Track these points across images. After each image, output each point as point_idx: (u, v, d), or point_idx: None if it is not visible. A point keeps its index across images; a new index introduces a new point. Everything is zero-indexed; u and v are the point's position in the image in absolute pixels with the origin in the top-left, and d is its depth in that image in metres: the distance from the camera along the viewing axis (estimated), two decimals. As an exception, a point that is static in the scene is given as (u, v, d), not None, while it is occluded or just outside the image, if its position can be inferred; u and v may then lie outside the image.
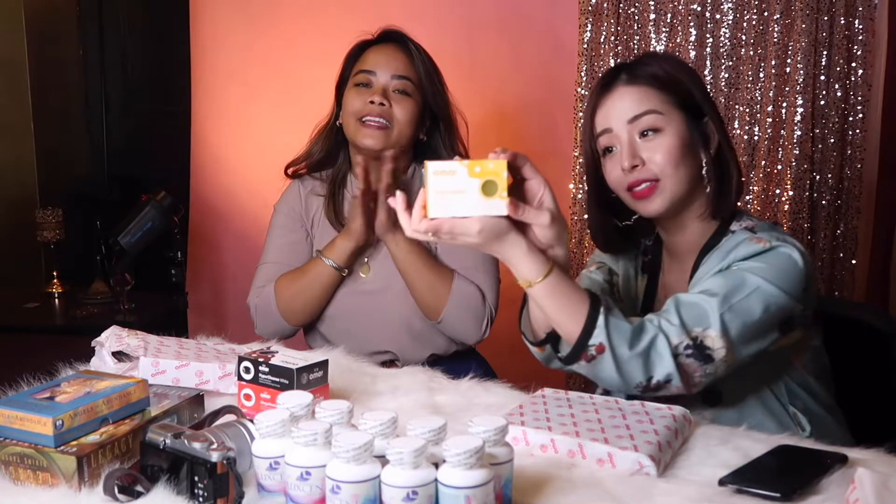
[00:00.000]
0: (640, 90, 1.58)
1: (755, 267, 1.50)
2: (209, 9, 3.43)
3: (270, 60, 3.35)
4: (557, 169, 3.08)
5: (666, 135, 1.56)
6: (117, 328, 1.73)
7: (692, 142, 1.58)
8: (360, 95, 2.06)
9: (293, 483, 1.10)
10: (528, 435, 1.31)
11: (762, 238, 1.54)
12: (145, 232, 2.81)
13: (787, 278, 1.49)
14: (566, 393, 1.49)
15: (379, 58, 2.09)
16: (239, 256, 3.42)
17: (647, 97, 1.57)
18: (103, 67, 3.85)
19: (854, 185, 2.73)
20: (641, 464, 1.23)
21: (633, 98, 1.58)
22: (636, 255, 1.77)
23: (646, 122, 1.57)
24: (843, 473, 1.21)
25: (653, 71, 1.59)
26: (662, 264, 1.73)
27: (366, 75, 2.07)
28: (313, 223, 2.16)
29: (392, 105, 2.05)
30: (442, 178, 1.29)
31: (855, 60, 2.68)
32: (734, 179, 1.60)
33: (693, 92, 1.60)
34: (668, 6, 2.84)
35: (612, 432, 1.30)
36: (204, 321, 3.36)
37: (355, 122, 2.06)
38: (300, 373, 1.41)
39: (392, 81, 2.06)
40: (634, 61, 1.65)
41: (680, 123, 1.57)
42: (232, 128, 3.45)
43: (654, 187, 1.57)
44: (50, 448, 1.18)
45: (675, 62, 1.65)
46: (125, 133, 3.89)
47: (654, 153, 1.56)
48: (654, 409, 1.41)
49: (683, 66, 1.66)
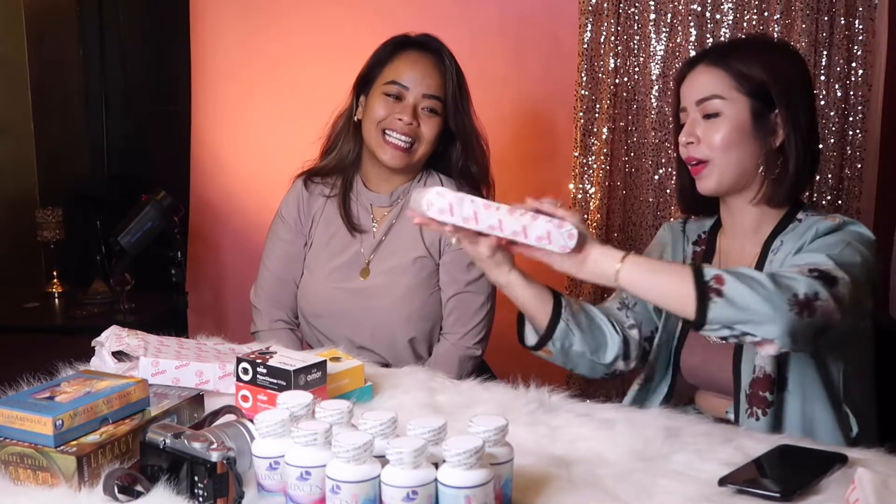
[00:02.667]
0: (714, 73, 1.63)
1: (838, 237, 1.55)
2: (209, 9, 3.43)
3: (270, 60, 3.34)
4: (557, 169, 3.08)
5: (723, 119, 1.62)
6: (117, 328, 1.72)
7: (753, 130, 1.62)
8: (388, 107, 2.05)
9: (293, 483, 1.10)
10: (453, 208, 1.42)
11: (836, 216, 1.60)
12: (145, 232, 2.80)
13: (868, 247, 1.55)
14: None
15: (414, 72, 2.06)
16: (239, 256, 3.41)
17: (717, 81, 1.63)
18: (103, 67, 3.85)
19: (854, 186, 2.72)
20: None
21: (705, 80, 1.64)
22: (685, 247, 1.78)
23: (709, 105, 1.63)
24: (843, 473, 1.21)
25: (737, 59, 1.63)
26: (718, 252, 1.74)
27: (398, 88, 2.05)
28: (313, 222, 2.16)
29: (420, 124, 2.05)
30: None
31: (855, 60, 2.68)
32: (790, 173, 1.62)
33: (769, 84, 1.61)
34: (668, 6, 2.84)
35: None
36: (204, 321, 3.35)
37: (377, 132, 2.05)
38: (297, 374, 1.41)
39: (423, 100, 2.05)
40: (728, 43, 1.74)
41: (742, 111, 1.61)
42: (232, 128, 3.45)
43: (704, 166, 1.64)
44: (50, 448, 1.19)
45: (766, 54, 1.66)
46: (125, 133, 3.88)
47: (708, 134, 1.62)
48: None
49: (773, 59, 1.64)
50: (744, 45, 1.70)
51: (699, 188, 1.67)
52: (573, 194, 3.03)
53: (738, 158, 1.62)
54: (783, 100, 1.62)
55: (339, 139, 2.15)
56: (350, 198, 2.14)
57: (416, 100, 2.05)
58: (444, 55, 2.09)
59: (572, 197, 3.03)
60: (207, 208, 3.50)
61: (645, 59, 2.88)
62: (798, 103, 1.63)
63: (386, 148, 2.05)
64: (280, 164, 2.21)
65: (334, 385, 1.49)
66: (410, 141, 2.04)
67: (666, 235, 1.82)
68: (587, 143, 2.95)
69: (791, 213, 1.66)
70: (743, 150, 1.62)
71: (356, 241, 2.11)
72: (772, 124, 1.62)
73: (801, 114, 1.63)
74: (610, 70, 2.90)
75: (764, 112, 1.62)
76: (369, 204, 2.14)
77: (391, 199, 2.13)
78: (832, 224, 1.59)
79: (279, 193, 2.23)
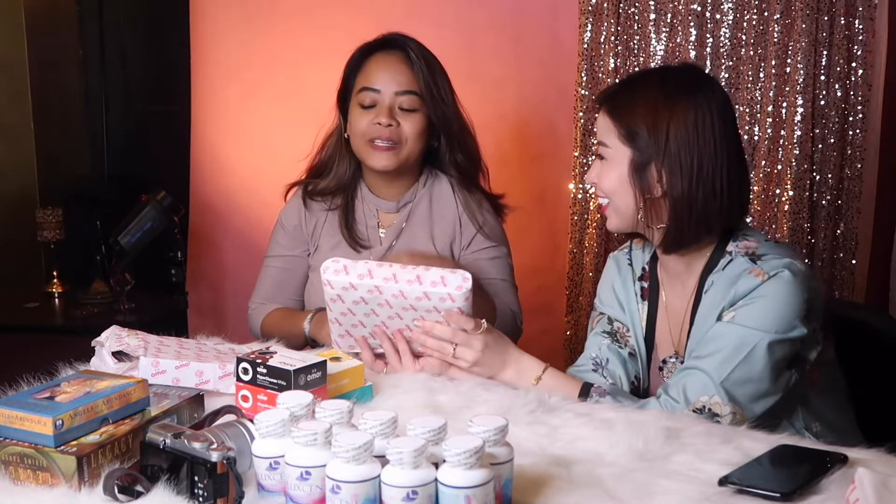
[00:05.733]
0: (605, 118, 1.65)
1: (753, 315, 1.54)
2: (209, 9, 3.43)
3: (270, 60, 3.34)
4: (557, 169, 3.08)
5: (607, 164, 1.64)
6: (117, 328, 1.72)
7: (629, 177, 1.61)
8: (366, 116, 2.04)
9: (293, 483, 1.10)
10: (347, 268, 1.55)
11: (760, 270, 1.56)
12: (145, 232, 2.80)
13: (788, 313, 1.53)
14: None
15: (382, 73, 2.05)
16: (239, 256, 3.41)
17: (605, 126, 1.64)
18: (103, 67, 3.84)
19: (854, 185, 2.73)
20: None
21: (600, 123, 1.67)
22: (633, 282, 1.78)
23: (600, 149, 1.66)
24: (843, 473, 1.21)
25: (624, 106, 1.62)
26: (661, 286, 1.75)
27: (370, 95, 2.04)
28: (314, 231, 2.14)
29: (400, 123, 2.04)
30: None
31: (855, 60, 2.69)
32: (669, 224, 1.60)
33: (649, 135, 1.58)
34: (668, 6, 2.84)
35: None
36: (204, 321, 3.35)
37: (364, 144, 2.05)
38: (297, 374, 1.41)
39: (397, 98, 2.04)
40: (629, 83, 1.70)
41: (622, 158, 1.62)
42: (232, 128, 3.45)
43: (606, 207, 1.68)
44: (50, 448, 1.18)
45: (663, 102, 1.59)
46: (125, 133, 3.88)
47: (599, 177, 1.66)
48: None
49: (662, 106, 1.59)
50: (645, 84, 1.64)
51: (607, 226, 1.72)
52: (573, 194, 3.03)
53: (625, 204, 1.63)
54: (659, 153, 1.58)
55: (334, 160, 2.14)
56: (354, 206, 2.13)
57: (391, 100, 2.04)
58: (409, 49, 2.06)
59: (572, 197, 3.04)
60: (207, 208, 3.50)
61: (645, 59, 2.88)
62: (687, 155, 1.57)
63: (372, 153, 2.04)
64: (280, 164, 2.21)
65: (334, 385, 1.49)
66: (393, 142, 2.03)
67: (613, 272, 1.82)
68: (587, 143, 2.95)
69: (721, 244, 1.64)
70: (625, 197, 1.63)
71: (364, 250, 2.11)
72: (651, 176, 1.60)
73: (691, 166, 1.57)
74: (610, 70, 2.91)
75: (642, 163, 1.60)
76: (376, 209, 2.13)
77: (398, 205, 2.12)
78: (753, 284, 1.55)
79: (279, 193, 2.23)
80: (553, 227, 3.14)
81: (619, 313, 1.77)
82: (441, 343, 1.61)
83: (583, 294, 2.99)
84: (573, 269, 3.04)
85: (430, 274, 1.54)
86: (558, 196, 3.11)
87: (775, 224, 2.77)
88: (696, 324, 1.64)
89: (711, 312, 1.59)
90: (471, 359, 1.60)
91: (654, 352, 1.74)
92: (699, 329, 1.62)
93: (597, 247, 2.98)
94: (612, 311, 1.78)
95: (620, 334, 1.76)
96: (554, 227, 3.13)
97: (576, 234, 3.04)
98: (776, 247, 1.62)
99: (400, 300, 1.56)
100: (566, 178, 3.05)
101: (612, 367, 1.73)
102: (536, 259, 3.10)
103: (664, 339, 1.73)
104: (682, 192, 1.58)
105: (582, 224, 3.02)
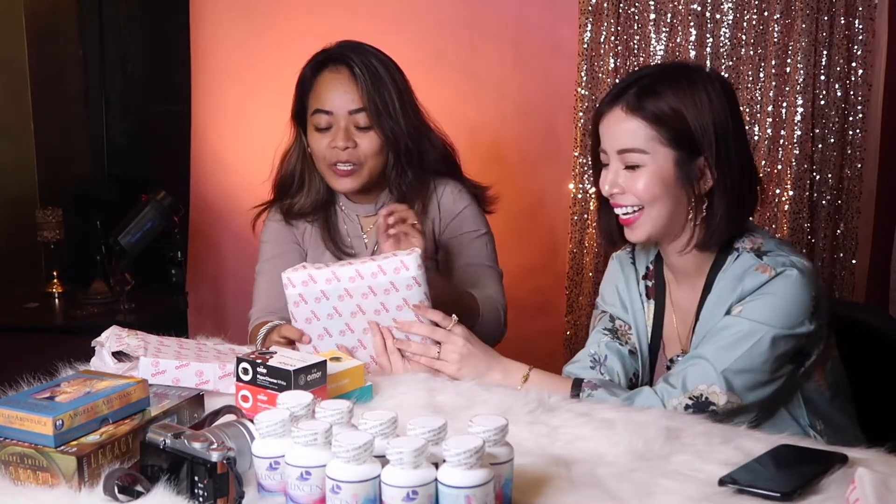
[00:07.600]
0: (634, 123, 1.57)
1: (761, 310, 1.54)
2: (209, 9, 3.43)
3: (270, 60, 3.34)
4: (558, 169, 3.08)
5: (645, 171, 1.57)
6: (117, 328, 1.72)
7: (677, 180, 1.58)
8: (323, 139, 2.00)
9: (293, 483, 1.10)
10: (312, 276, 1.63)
11: (767, 266, 1.57)
12: (145, 232, 2.81)
13: (796, 310, 1.54)
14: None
15: (331, 93, 1.99)
16: (239, 256, 3.41)
17: (636, 132, 1.57)
18: (103, 67, 3.85)
19: (854, 185, 2.72)
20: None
21: (626, 130, 1.58)
22: (637, 282, 1.78)
23: (629, 157, 1.58)
24: (843, 473, 1.21)
25: (656, 106, 1.56)
26: (668, 284, 1.74)
27: (325, 117, 1.99)
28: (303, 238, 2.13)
29: (357, 143, 1.99)
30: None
31: (855, 60, 2.68)
32: (720, 218, 1.59)
33: (691, 130, 1.56)
34: (668, 6, 2.84)
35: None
36: (204, 321, 3.35)
37: (326, 167, 2.02)
38: (297, 374, 1.41)
39: (352, 118, 1.99)
40: (646, 86, 1.59)
41: (665, 161, 1.57)
42: (232, 127, 3.45)
43: (636, 217, 1.61)
44: (50, 448, 1.19)
45: (684, 91, 1.57)
46: (125, 133, 3.88)
47: (631, 185, 1.59)
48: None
49: (693, 96, 1.57)
50: (660, 82, 1.58)
51: (628, 237, 1.64)
52: (573, 194, 3.03)
53: (667, 208, 1.59)
54: (707, 143, 1.56)
55: (304, 176, 2.10)
56: (336, 219, 2.12)
57: (346, 121, 1.99)
58: (353, 65, 2.00)
59: (572, 197, 3.03)
60: (207, 208, 3.50)
61: (645, 59, 2.88)
62: (726, 140, 1.57)
63: (335, 178, 2.02)
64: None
65: (334, 385, 1.49)
66: (353, 164, 2.00)
67: (616, 271, 1.81)
68: (587, 143, 2.95)
69: (728, 242, 1.63)
70: (669, 201, 1.58)
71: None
72: (698, 170, 1.58)
73: (731, 150, 1.57)
74: (610, 70, 2.91)
75: (688, 160, 1.57)
76: (356, 216, 2.13)
77: (377, 206, 2.10)
78: (760, 280, 1.55)
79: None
80: (553, 228, 3.14)
81: (622, 312, 1.78)
82: (426, 347, 1.64)
83: (583, 294, 2.98)
84: (573, 269, 3.04)
85: (390, 262, 1.66)
86: (558, 196, 3.11)
87: (775, 224, 2.77)
88: (700, 320, 1.64)
89: (716, 309, 1.60)
90: (456, 355, 1.62)
91: (662, 350, 1.74)
92: (703, 325, 1.63)
93: (597, 247, 2.98)
94: (615, 310, 1.78)
95: (622, 332, 1.76)
96: (554, 228, 3.13)
97: (576, 234, 3.03)
98: (781, 244, 1.63)
99: (358, 283, 1.64)
100: (566, 178, 3.05)
101: (610, 363, 1.73)
102: (536, 259, 3.10)
103: (672, 338, 1.73)
104: (734, 176, 1.58)
105: (582, 224, 3.02)
